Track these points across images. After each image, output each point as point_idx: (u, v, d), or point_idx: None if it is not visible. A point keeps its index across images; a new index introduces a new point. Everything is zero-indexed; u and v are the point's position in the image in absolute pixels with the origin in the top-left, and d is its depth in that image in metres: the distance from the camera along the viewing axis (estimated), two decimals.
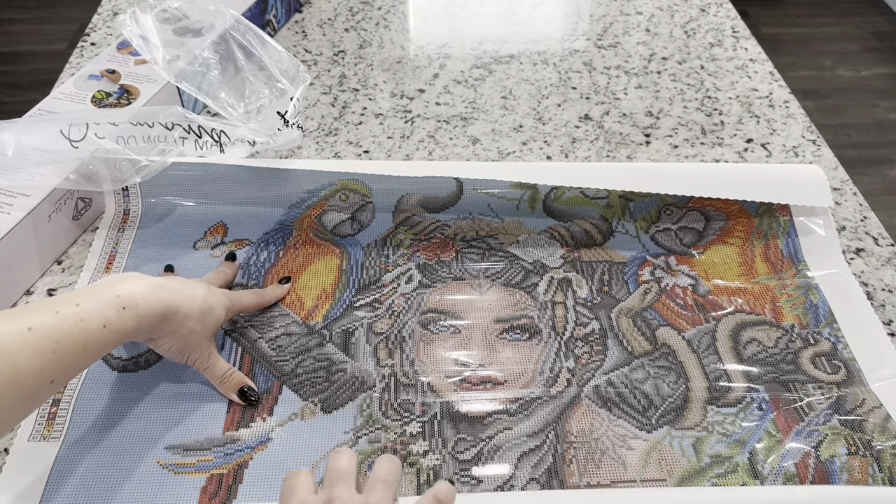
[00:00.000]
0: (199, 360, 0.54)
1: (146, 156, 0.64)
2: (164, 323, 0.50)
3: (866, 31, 2.52)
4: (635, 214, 0.69)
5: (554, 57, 0.92)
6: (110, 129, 0.65)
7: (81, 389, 0.56)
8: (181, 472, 0.51)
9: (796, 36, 2.50)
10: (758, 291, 0.64)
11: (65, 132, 0.65)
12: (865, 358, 0.59)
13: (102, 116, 0.66)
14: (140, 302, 0.47)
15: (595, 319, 0.62)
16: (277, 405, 0.55)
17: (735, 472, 0.51)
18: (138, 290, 0.48)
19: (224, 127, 0.66)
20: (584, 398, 0.56)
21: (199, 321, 0.52)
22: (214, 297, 0.54)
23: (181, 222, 0.68)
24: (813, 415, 0.54)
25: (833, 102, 2.20)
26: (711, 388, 0.57)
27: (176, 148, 0.65)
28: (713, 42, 0.96)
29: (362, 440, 0.53)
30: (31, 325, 0.42)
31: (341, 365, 0.58)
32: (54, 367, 0.42)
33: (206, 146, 0.66)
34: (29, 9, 2.53)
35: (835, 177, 0.75)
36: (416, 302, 0.63)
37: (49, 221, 0.64)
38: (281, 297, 0.62)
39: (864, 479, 0.51)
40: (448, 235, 0.68)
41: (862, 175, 1.95)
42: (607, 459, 0.52)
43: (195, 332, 0.52)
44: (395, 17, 1.00)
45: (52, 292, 0.63)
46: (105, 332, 0.45)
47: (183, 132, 0.65)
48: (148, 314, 0.48)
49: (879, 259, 0.67)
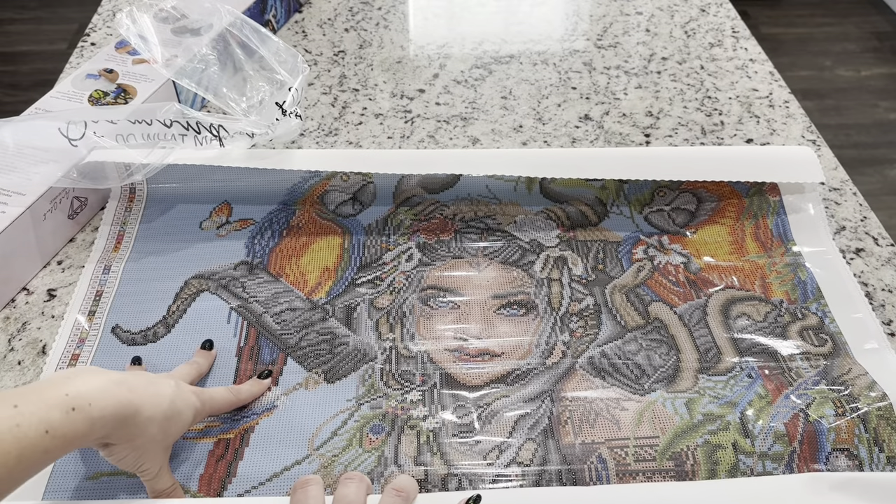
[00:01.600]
0: (149, 471, 0.47)
1: (146, 153, 0.65)
2: (121, 427, 0.43)
3: (866, 31, 2.52)
4: (629, 196, 0.71)
5: (554, 57, 0.93)
6: (109, 126, 0.67)
7: (93, 361, 0.57)
8: (189, 438, 0.53)
9: (796, 36, 2.50)
10: (748, 269, 0.66)
11: (63, 130, 0.67)
12: (851, 331, 0.61)
13: (101, 114, 0.68)
14: (94, 401, 0.41)
15: (590, 295, 0.64)
16: (282, 376, 0.57)
17: (727, 430, 0.53)
18: (93, 387, 0.42)
19: (222, 121, 0.67)
20: (579, 368, 0.58)
21: (161, 428, 0.46)
22: (183, 399, 0.48)
23: (186, 202, 0.70)
24: (801, 381, 0.56)
25: (833, 102, 2.20)
26: (702, 359, 0.58)
27: (176, 144, 0.67)
28: (713, 42, 0.96)
29: (364, 407, 0.55)
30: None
31: (344, 338, 0.60)
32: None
33: (205, 141, 0.68)
34: (29, 9, 2.55)
35: (835, 177, 0.75)
36: (416, 279, 0.65)
37: (44, 220, 0.65)
38: (259, 395, 0.55)
39: (850, 438, 0.52)
40: (447, 216, 0.70)
41: (862, 175, 1.95)
42: (601, 419, 0.54)
43: (155, 441, 0.46)
44: (395, 17, 1.00)
45: (53, 292, 0.63)
46: (47, 438, 0.38)
47: (181, 129, 0.67)
48: (103, 416, 0.41)
49: (879, 259, 0.67)
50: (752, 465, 0.51)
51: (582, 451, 0.52)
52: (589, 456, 0.52)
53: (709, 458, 0.51)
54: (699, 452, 0.52)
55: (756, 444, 0.52)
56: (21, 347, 0.59)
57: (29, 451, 0.38)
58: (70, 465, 0.51)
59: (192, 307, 0.62)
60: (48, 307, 0.62)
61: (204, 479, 0.50)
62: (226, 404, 0.53)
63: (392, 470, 0.51)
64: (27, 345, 0.59)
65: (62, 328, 0.60)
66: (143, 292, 0.63)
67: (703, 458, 0.51)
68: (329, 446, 0.52)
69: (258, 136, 0.68)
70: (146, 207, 0.70)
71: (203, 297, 0.63)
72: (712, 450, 0.52)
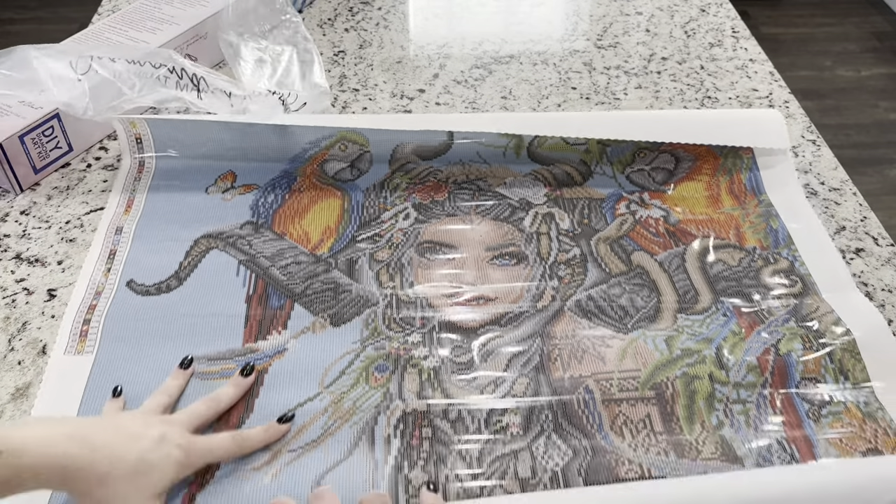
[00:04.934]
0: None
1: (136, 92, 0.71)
2: (66, 481, 0.42)
3: (866, 31, 2.53)
4: (612, 158, 0.75)
5: (554, 57, 0.93)
6: (109, 64, 0.72)
7: (109, 309, 0.61)
8: (206, 379, 0.57)
9: (796, 36, 2.50)
10: (723, 220, 0.70)
11: (73, 64, 0.72)
12: (819, 273, 0.65)
13: (104, 52, 0.73)
14: (26, 453, 0.40)
15: (576, 246, 0.68)
16: (290, 320, 0.61)
17: (703, 363, 0.57)
18: (37, 437, 0.41)
19: (205, 74, 0.72)
20: (567, 310, 0.62)
21: (128, 483, 0.44)
22: (161, 453, 0.46)
23: (193, 170, 0.73)
24: (772, 319, 0.61)
25: (833, 102, 2.21)
26: (681, 301, 0.63)
27: (157, 85, 0.72)
28: (713, 42, 0.96)
29: (369, 348, 0.59)
30: None
31: (347, 287, 0.64)
32: None
33: (185, 88, 0.72)
34: (29, 9, 2.55)
35: (835, 177, 0.76)
36: (412, 235, 0.69)
37: None
38: (272, 441, 0.52)
39: (817, 368, 0.57)
40: (441, 179, 0.74)
41: (862, 175, 1.94)
42: (588, 356, 0.58)
43: (121, 496, 0.44)
44: (395, 17, 1.01)
45: (53, 292, 0.63)
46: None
47: (167, 72, 0.72)
48: (34, 466, 0.40)
49: (879, 259, 0.67)
50: (728, 393, 0.56)
51: (570, 384, 0.56)
52: (577, 388, 0.56)
53: (687, 387, 0.56)
54: (678, 383, 0.56)
55: (730, 374, 0.57)
56: (21, 347, 0.59)
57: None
58: (105, 376, 0.56)
59: (202, 263, 0.66)
60: (48, 307, 0.62)
61: (222, 416, 0.54)
62: (226, 454, 0.50)
63: (397, 404, 0.55)
64: (27, 345, 0.59)
65: (78, 282, 0.63)
66: (155, 250, 0.66)
67: (681, 388, 0.56)
68: (338, 384, 0.56)
69: (234, 98, 0.72)
70: (154, 178, 0.73)
71: (212, 253, 0.66)
72: (690, 380, 0.56)
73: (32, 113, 0.71)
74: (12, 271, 0.65)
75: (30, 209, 0.71)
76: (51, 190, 0.73)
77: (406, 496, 0.50)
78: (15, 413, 0.54)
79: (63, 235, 0.68)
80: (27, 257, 0.66)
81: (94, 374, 0.57)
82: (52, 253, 0.67)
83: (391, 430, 0.53)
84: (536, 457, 0.52)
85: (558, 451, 0.53)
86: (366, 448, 0.53)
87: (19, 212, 0.71)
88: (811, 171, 0.76)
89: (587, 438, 0.53)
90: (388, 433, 0.53)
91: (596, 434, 0.54)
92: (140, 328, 0.60)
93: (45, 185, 0.74)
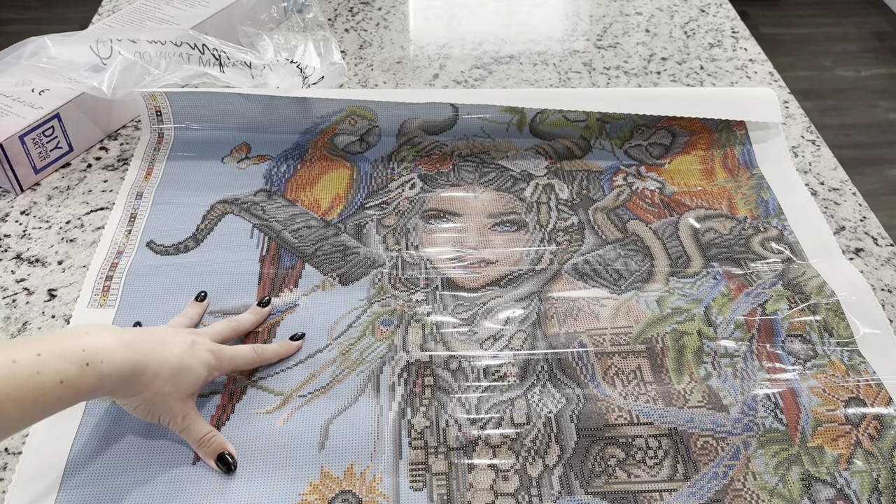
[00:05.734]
0: (173, 422, 0.51)
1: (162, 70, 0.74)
2: (127, 383, 0.47)
3: (866, 31, 2.52)
4: (611, 133, 0.78)
5: (554, 57, 0.92)
6: (130, 45, 0.75)
7: (131, 266, 0.64)
8: None
9: (796, 36, 2.50)
10: (716, 192, 0.73)
11: (94, 49, 0.75)
12: (808, 242, 0.68)
13: (123, 34, 0.76)
14: (105, 359, 0.44)
15: (574, 215, 0.71)
16: (301, 279, 0.64)
17: (692, 320, 0.60)
18: (106, 345, 0.45)
19: (225, 48, 0.75)
20: (564, 273, 0.65)
21: (169, 382, 0.49)
22: (195, 356, 0.51)
23: (209, 141, 0.77)
24: (760, 282, 0.64)
25: (833, 103, 2.20)
26: (673, 265, 0.66)
27: (182, 62, 0.75)
28: (713, 42, 0.96)
29: (375, 305, 0.62)
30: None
31: (355, 249, 0.67)
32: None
33: (208, 64, 0.75)
34: (29, 9, 2.55)
35: (834, 177, 0.76)
36: (418, 203, 0.72)
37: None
38: (286, 355, 0.58)
39: (802, 326, 0.60)
40: (446, 152, 0.77)
41: (861, 175, 1.94)
42: (583, 314, 0.61)
43: (164, 394, 0.49)
44: (395, 17, 1.00)
45: (53, 292, 0.63)
46: (61, 388, 0.42)
47: (189, 49, 0.75)
48: (111, 374, 0.45)
49: (879, 259, 0.68)
50: (715, 347, 0.59)
51: (566, 339, 0.59)
52: (571, 342, 0.59)
53: (676, 342, 0.59)
54: (667, 338, 0.59)
55: (718, 331, 0.60)
56: None
57: (44, 396, 0.42)
58: (126, 324, 0.60)
59: (218, 226, 0.69)
60: (48, 307, 0.62)
61: None
62: (247, 363, 0.56)
63: (401, 355, 0.58)
64: None
65: (101, 242, 0.67)
66: (173, 214, 0.70)
67: (671, 343, 0.59)
68: (345, 336, 0.60)
69: (254, 69, 0.75)
70: (172, 148, 0.77)
71: (227, 218, 0.70)
72: (679, 336, 0.59)
73: (33, 113, 0.72)
74: (12, 271, 0.65)
75: (30, 209, 0.71)
76: (51, 190, 0.73)
77: (409, 439, 0.53)
78: None
79: (63, 235, 0.69)
80: (27, 257, 0.67)
81: (115, 323, 0.60)
82: (52, 253, 0.67)
83: (395, 379, 0.57)
84: (531, 404, 0.55)
85: (552, 398, 0.56)
86: (371, 395, 0.56)
87: (20, 212, 0.71)
88: (811, 171, 0.77)
89: (580, 388, 0.56)
90: (393, 381, 0.57)
91: (589, 384, 0.57)
92: (159, 284, 0.63)
93: (45, 185, 0.74)
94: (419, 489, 0.51)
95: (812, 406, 0.55)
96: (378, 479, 0.51)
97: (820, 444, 0.53)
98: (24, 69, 0.76)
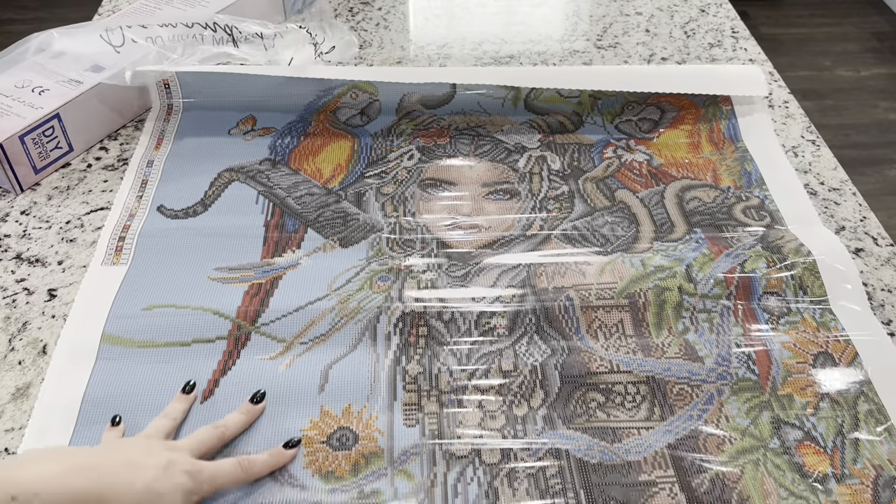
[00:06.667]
0: None
1: (179, 54, 0.77)
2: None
3: (866, 31, 2.52)
4: (602, 109, 0.82)
5: (554, 57, 0.93)
6: (141, 31, 0.78)
7: (142, 228, 0.68)
8: (227, 282, 0.64)
9: (796, 36, 2.50)
10: (702, 164, 0.76)
11: (105, 38, 0.78)
12: (788, 210, 0.71)
13: (134, 20, 0.79)
14: (41, 492, 0.40)
15: (565, 185, 0.74)
16: (304, 241, 0.68)
17: (674, 277, 0.63)
18: (44, 476, 0.40)
19: (235, 22, 0.78)
20: (554, 238, 0.69)
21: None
22: (168, 481, 0.45)
23: (216, 114, 0.80)
24: (740, 244, 0.67)
25: (832, 103, 2.21)
26: (658, 230, 0.69)
27: (196, 43, 0.78)
28: (713, 42, 0.96)
29: (373, 264, 0.66)
30: None
31: (355, 215, 0.71)
32: None
33: (222, 42, 0.79)
34: (29, 9, 2.55)
35: (834, 177, 0.76)
36: (416, 173, 0.75)
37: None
38: (277, 466, 0.51)
39: (779, 284, 0.63)
40: (443, 126, 0.80)
41: (861, 175, 1.94)
42: (570, 272, 0.64)
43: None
44: (395, 17, 1.01)
45: (53, 292, 0.64)
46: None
47: (200, 29, 0.78)
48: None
49: (879, 259, 0.68)
50: (695, 303, 0.62)
51: (553, 293, 0.63)
52: (559, 296, 0.62)
53: (658, 297, 0.62)
54: (650, 293, 0.62)
55: (698, 287, 0.63)
56: (21, 347, 0.59)
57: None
58: (136, 282, 0.62)
59: (225, 192, 0.73)
60: (48, 307, 0.62)
61: (240, 310, 0.61)
62: (231, 481, 0.49)
63: (397, 305, 0.62)
64: (27, 345, 0.59)
65: (114, 206, 0.70)
66: (182, 181, 0.73)
67: (653, 298, 0.62)
68: (345, 288, 0.63)
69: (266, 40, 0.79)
70: (181, 121, 0.80)
71: (234, 185, 0.73)
72: (661, 291, 0.63)
73: (33, 113, 0.72)
74: (13, 271, 0.65)
75: (30, 209, 0.71)
76: (51, 190, 0.73)
77: (403, 383, 0.57)
78: (15, 413, 0.55)
79: (63, 235, 0.69)
80: (27, 257, 0.67)
81: (127, 280, 0.64)
82: (52, 253, 0.67)
83: (391, 328, 0.60)
84: (519, 354, 0.59)
85: (538, 349, 0.59)
86: (368, 343, 0.59)
87: (20, 212, 0.71)
88: (811, 171, 0.77)
89: (565, 339, 0.60)
90: (389, 331, 0.60)
91: (573, 336, 0.60)
92: (169, 244, 0.67)
93: (45, 185, 0.74)
94: (412, 426, 0.54)
95: (783, 359, 0.58)
96: (374, 417, 0.55)
97: (789, 392, 0.56)
98: (30, 68, 0.77)
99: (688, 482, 0.51)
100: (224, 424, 0.52)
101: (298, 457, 0.52)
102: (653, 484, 0.51)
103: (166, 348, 0.58)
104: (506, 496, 0.50)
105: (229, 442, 0.52)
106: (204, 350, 0.58)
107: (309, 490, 0.50)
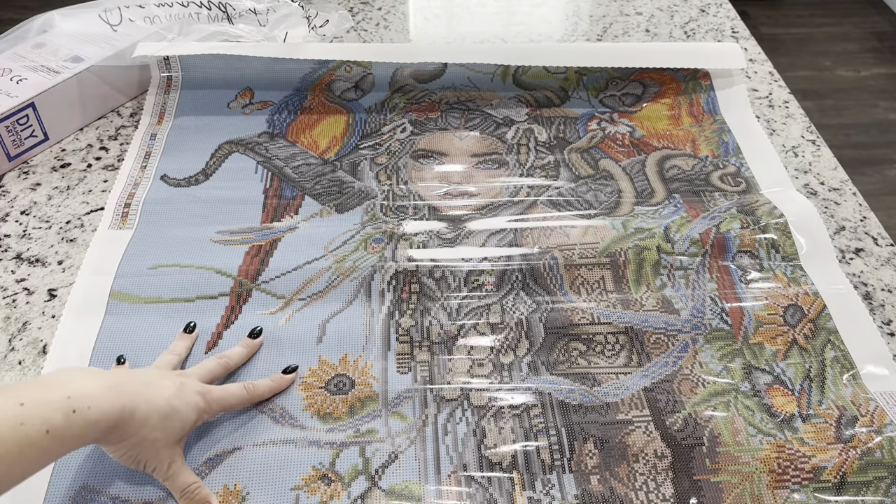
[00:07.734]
0: (158, 470, 0.48)
1: (175, 34, 0.80)
2: (115, 430, 0.44)
3: (866, 31, 2.54)
4: (587, 85, 0.85)
5: None
6: (139, 11, 0.81)
7: (147, 195, 0.71)
8: (229, 244, 0.67)
9: (796, 36, 2.52)
10: (681, 135, 0.80)
11: (104, 17, 0.81)
12: (762, 177, 0.75)
13: (131, 0, 0.82)
14: (92, 405, 0.42)
15: (551, 155, 0.78)
16: (301, 207, 0.71)
17: (653, 237, 0.67)
18: (92, 390, 0.43)
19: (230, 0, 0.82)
20: (540, 203, 0.72)
21: (157, 428, 0.46)
22: (184, 399, 0.48)
23: (214, 88, 0.83)
24: (716, 208, 0.70)
25: (833, 102, 2.22)
26: (638, 196, 0.73)
27: (193, 22, 0.81)
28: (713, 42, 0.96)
29: (368, 227, 0.69)
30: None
31: (350, 183, 0.74)
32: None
33: (216, 19, 0.82)
34: (29, 9, 2.55)
35: (834, 177, 0.76)
36: (408, 144, 0.79)
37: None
38: (279, 390, 0.55)
39: (752, 243, 0.66)
40: (435, 100, 0.84)
41: (861, 175, 1.95)
42: (555, 234, 0.68)
43: (152, 440, 0.46)
44: (395, 17, 1.02)
45: (53, 292, 0.64)
46: (47, 439, 0.39)
47: (195, 7, 0.81)
48: (99, 420, 0.42)
49: (879, 259, 0.68)
50: (672, 261, 0.66)
51: (539, 253, 0.66)
52: (544, 255, 0.66)
53: (637, 255, 0.66)
54: (629, 252, 0.66)
55: (675, 247, 0.66)
56: (21, 347, 0.59)
57: (30, 449, 0.39)
58: (142, 243, 0.66)
59: (225, 163, 0.76)
60: (48, 307, 0.63)
61: (242, 269, 0.64)
62: (238, 402, 0.53)
63: (390, 264, 0.65)
64: (27, 345, 0.60)
65: (119, 176, 0.74)
66: (184, 153, 0.77)
67: (632, 257, 0.66)
68: (341, 249, 0.66)
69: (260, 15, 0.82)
70: (181, 97, 0.83)
71: (234, 156, 0.77)
72: (640, 250, 0.66)
73: (8, 101, 0.72)
74: (12, 271, 0.66)
75: (30, 209, 0.72)
76: (51, 190, 0.74)
77: (396, 335, 0.60)
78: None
79: (63, 235, 0.69)
80: (27, 257, 0.67)
81: (133, 242, 0.67)
82: (52, 253, 0.67)
83: (385, 286, 0.63)
84: (506, 309, 0.62)
85: (524, 304, 0.62)
86: (363, 299, 0.63)
87: (20, 212, 0.71)
88: (811, 171, 0.77)
89: (549, 295, 0.63)
90: (383, 288, 0.63)
91: (557, 292, 0.63)
92: (172, 210, 0.70)
93: (45, 184, 0.74)
94: (405, 373, 0.57)
95: (755, 311, 0.62)
96: (369, 365, 0.58)
97: (760, 341, 0.60)
98: (10, 57, 0.79)
99: (662, 420, 0.55)
100: (227, 356, 0.56)
101: (298, 400, 0.56)
102: (629, 423, 0.54)
103: (172, 304, 0.62)
104: (492, 433, 0.54)
105: (233, 372, 0.57)
106: (208, 306, 0.62)
107: (308, 430, 0.54)
